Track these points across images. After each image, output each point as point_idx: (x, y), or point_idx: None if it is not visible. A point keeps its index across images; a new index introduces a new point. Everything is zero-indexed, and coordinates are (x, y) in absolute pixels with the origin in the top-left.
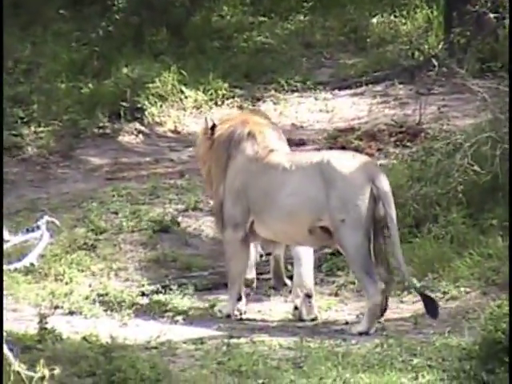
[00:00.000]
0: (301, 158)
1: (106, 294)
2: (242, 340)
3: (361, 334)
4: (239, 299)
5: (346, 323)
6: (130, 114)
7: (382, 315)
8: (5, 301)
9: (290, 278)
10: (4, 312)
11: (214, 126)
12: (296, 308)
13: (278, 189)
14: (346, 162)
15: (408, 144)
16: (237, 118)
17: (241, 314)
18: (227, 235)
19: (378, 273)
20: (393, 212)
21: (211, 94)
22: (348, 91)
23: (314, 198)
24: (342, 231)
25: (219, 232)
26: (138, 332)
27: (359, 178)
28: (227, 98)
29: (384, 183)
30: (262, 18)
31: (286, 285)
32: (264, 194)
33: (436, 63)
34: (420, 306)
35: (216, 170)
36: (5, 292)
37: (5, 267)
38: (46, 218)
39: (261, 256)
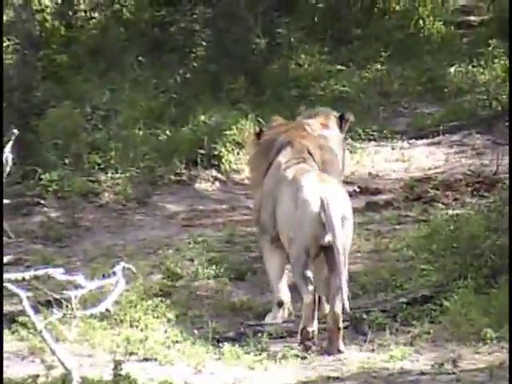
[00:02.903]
0: (294, 173)
1: (181, 341)
2: None
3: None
4: (280, 305)
5: (422, 373)
6: (206, 161)
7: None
8: (80, 347)
9: None
10: (79, 358)
11: (260, 132)
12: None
13: (278, 200)
14: (311, 185)
15: (485, 194)
16: (284, 125)
17: (290, 315)
18: (260, 239)
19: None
20: (337, 241)
21: None
22: (425, 141)
23: (286, 214)
24: (289, 248)
25: (256, 236)
26: (213, 379)
27: (311, 204)
28: None
29: (333, 213)
30: (339, 67)
31: None
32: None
33: None
34: (497, 357)
35: (256, 175)
36: (80, 337)
37: (81, 313)
38: (122, 264)
39: None
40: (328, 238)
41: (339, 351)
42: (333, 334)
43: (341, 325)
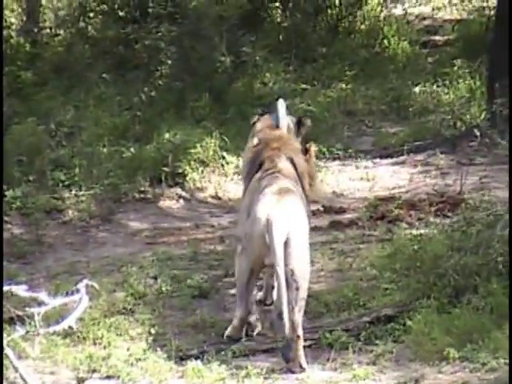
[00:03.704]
0: (264, 184)
1: (144, 359)
2: None
3: (228, 337)
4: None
5: None
6: (171, 179)
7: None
8: (43, 364)
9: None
10: (42, 375)
11: (257, 121)
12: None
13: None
14: (262, 202)
15: (449, 214)
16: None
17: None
18: (236, 248)
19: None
20: (278, 262)
21: None
22: (389, 160)
23: (242, 226)
24: (237, 259)
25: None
26: None
27: (258, 223)
28: None
29: (275, 236)
30: (304, 86)
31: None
32: None
33: (478, 133)
34: (459, 376)
35: (243, 183)
36: (43, 355)
37: (44, 330)
38: (86, 281)
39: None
40: (270, 260)
41: (301, 367)
42: (293, 343)
43: (300, 332)
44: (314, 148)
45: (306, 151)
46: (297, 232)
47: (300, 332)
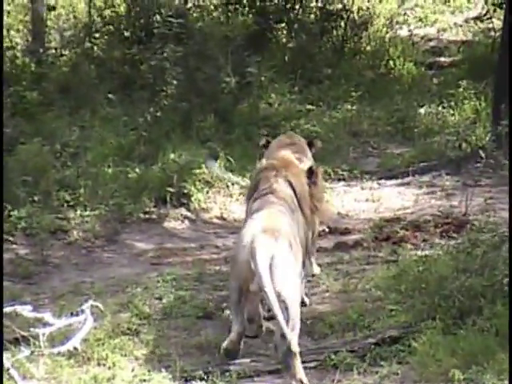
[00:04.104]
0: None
1: (149, 380)
2: None
3: (225, 350)
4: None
5: None
6: (176, 199)
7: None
8: None
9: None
10: None
11: (267, 143)
12: None
13: None
14: (249, 228)
15: (454, 235)
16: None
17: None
18: None
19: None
20: (266, 288)
21: None
22: (394, 181)
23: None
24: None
25: None
26: None
27: (243, 249)
28: None
29: (259, 263)
30: (309, 106)
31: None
32: None
33: (483, 155)
34: None
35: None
36: (48, 375)
37: (48, 350)
38: (90, 302)
39: None
40: (255, 286)
41: (302, 382)
42: (288, 358)
43: (296, 350)
44: (320, 169)
45: (311, 173)
46: (280, 254)
47: (296, 349)
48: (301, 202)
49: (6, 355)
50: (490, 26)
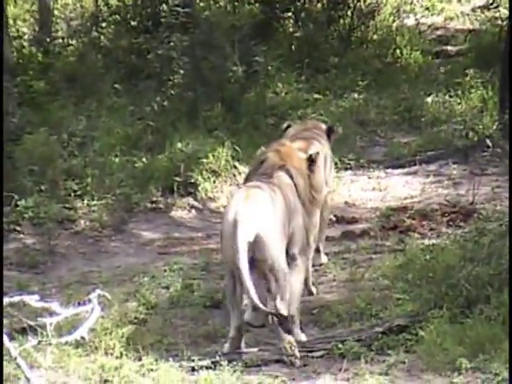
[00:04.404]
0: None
1: (156, 369)
2: None
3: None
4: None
5: None
6: (183, 188)
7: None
8: (55, 374)
9: None
10: None
11: (288, 127)
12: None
13: None
14: (231, 205)
15: (461, 224)
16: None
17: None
18: None
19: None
20: (239, 264)
21: None
22: (401, 170)
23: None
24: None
25: None
26: None
27: (227, 224)
28: None
29: (239, 235)
30: (316, 96)
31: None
32: None
33: (490, 144)
34: None
35: None
36: (55, 365)
37: (56, 340)
38: (98, 291)
39: None
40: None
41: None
42: (287, 323)
43: (284, 312)
44: (319, 156)
45: (311, 161)
46: (269, 229)
47: (285, 312)
48: (300, 193)
49: (13, 344)
50: (497, 14)
